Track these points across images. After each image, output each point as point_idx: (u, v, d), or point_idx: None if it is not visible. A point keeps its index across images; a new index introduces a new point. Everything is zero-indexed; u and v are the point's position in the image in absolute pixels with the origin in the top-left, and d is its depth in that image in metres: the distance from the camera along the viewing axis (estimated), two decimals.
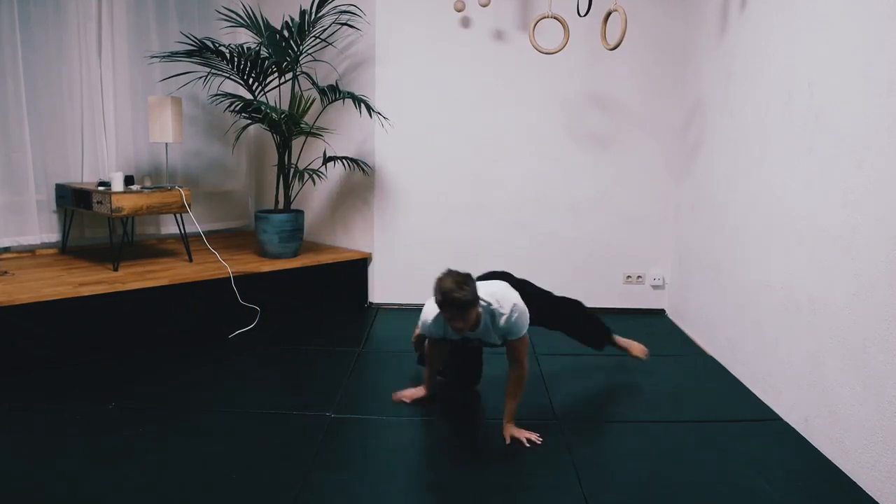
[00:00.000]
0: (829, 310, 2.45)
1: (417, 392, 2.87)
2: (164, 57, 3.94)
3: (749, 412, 2.85)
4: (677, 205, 4.26)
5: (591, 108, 4.27)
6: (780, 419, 2.76)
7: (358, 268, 4.47)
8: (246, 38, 4.36)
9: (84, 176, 4.20)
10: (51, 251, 4.13)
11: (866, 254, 2.23)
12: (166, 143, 4.07)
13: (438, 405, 2.86)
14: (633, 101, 4.23)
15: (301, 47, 4.09)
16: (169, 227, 4.60)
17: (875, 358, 2.17)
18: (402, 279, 4.43)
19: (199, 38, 3.88)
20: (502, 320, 2.49)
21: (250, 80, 4.12)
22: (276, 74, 4.17)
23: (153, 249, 4.34)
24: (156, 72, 4.34)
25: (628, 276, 4.43)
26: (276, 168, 4.30)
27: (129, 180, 3.82)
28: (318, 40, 4.23)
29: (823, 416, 2.47)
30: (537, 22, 3.65)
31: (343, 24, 4.18)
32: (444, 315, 2.43)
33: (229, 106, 4.07)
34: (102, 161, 4.25)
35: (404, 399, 2.85)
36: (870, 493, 2.17)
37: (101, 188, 3.71)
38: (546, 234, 4.38)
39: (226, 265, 3.81)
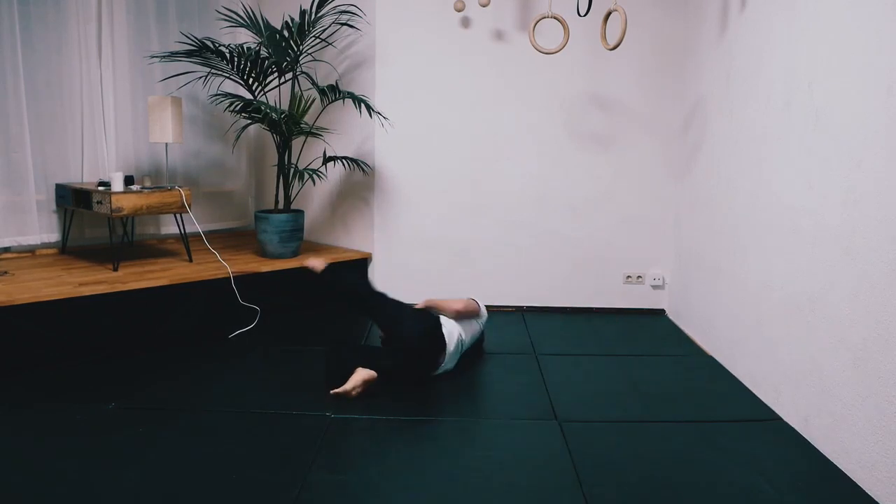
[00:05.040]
0: (829, 310, 2.45)
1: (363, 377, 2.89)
2: (164, 57, 3.95)
3: (749, 412, 2.85)
4: (677, 205, 4.26)
5: (591, 108, 4.27)
6: (780, 419, 2.76)
7: (358, 268, 4.47)
8: (246, 38, 4.36)
9: (84, 176, 4.20)
10: (51, 251, 4.13)
11: (866, 254, 2.23)
12: (166, 143, 4.07)
13: (437, 405, 2.86)
14: (633, 100, 4.23)
15: (301, 47, 4.10)
16: (169, 227, 4.60)
17: (875, 358, 2.17)
18: (402, 279, 4.43)
19: (199, 38, 3.88)
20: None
21: (250, 80, 4.12)
22: (276, 74, 4.17)
23: (153, 249, 4.34)
24: (156, 72, 4.34)
25: (628, 276, 4.43)
26: (276, 168, 4.31)
27: (129, 180, 3.83)
28: (318, 40, 4.23)
29: (823, 416, 2.47)
30: (537, 22, 3.65)
31: (343, 24, 4.18)
32: None
33: (229, 106, 4.07)
34: (102, 161, 4.25)
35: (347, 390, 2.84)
36: (870, 494, 2.17)
37: (101, 188, 3.71)
38: (546, 234, 4.38)
39: (226, 265, 3.81)
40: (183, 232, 4.01)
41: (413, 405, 2.86)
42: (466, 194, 4.36)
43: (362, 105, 4.04)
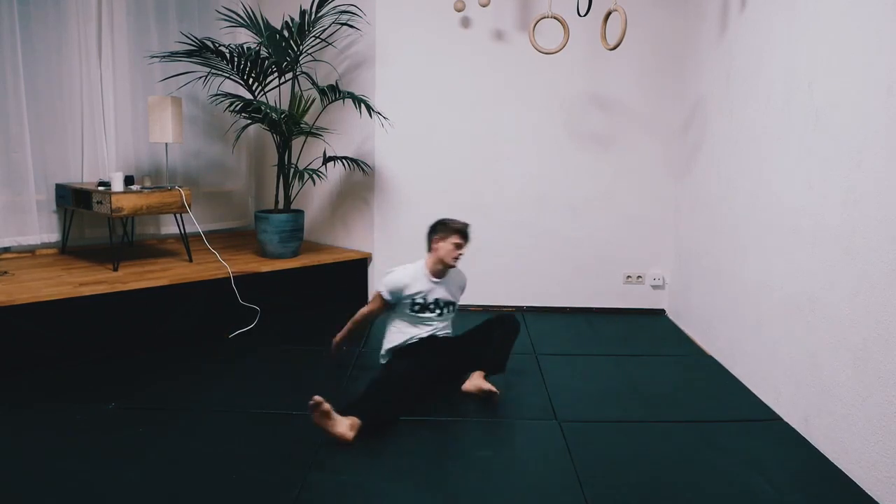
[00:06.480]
0: (829, 310, 2.45)
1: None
2: (164, 57, 3.95)
3: (749, 412, 2.85)
4: (677, 205, 4.26)
5: (591, 108, 4.27)
6: (780, 419, 2.76)
7: (358, 268, 4.47)
8: (246, 38, 4.36)
9: (84, 176, 4.20)
10: (51, 251, 4.13)
11: (866, 254, 2.23)
12: (166, 143, 4.07)
13: (437, 406, 2.86)
14: (633, 100, 4.23)
15: (301, 47, 4.10)
16: (169, 227, 4.60)
17: (875, 358, 2.17)
18: None
19: (199, 38, 3.88)
20: (460, 276, 3.24)
21: (250, 80, 4.12)
22: (276, 74, 4.17)
23: (153, 249, 4.34)
24: (156, 72, 4.34)
25: (628, 276, 4.43)
26: (276, 168, 4.30)
27: (129, 180, 3.82)
28: (318, 40, 4.23)
29: (823, 416, 2.47)
30: (537, 22, 3.65)
31: (343, 24, 4.18)
32: (457, 242, 3.09)
33: (229, 106, 4.07)
34: (102, 161, 4.25)
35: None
36: (870, 493, 2.17)
37: (101, 188, 3.71)
38: (546, 234, 4.38)
39: (226, 265, 3.81)
40: (183, 232, 4.01)
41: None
42: (466, 194, 4.36)
43: (362, 105, 4.04)
